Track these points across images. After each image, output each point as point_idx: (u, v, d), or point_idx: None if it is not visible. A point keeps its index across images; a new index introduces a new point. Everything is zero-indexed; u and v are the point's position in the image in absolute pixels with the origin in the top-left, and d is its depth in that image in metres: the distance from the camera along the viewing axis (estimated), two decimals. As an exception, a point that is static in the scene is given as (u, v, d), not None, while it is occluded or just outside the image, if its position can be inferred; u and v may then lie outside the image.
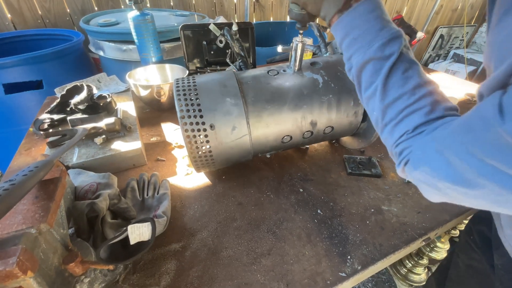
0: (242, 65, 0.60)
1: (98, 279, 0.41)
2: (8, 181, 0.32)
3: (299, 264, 0.47)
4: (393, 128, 0.35)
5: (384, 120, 0.36)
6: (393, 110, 0.34)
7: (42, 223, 0.33)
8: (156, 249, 0.49)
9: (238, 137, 0.53)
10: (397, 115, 0.34)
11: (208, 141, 0.52)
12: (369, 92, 0.37)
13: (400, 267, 1.22)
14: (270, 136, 0.57)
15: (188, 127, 0.50)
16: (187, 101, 0.51)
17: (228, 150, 0.55)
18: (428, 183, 0.31)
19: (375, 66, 0.35)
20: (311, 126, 0.58)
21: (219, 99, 0.52)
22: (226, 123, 0.52)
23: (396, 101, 0.34)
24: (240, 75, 0.57)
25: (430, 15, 2.91)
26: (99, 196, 0.47)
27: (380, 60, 0.35)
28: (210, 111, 0.51)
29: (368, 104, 0.38)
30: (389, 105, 0.34)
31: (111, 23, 1.28)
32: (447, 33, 3.27)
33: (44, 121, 0.72)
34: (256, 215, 0.56)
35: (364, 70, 0.37)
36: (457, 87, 1.17)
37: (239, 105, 0.52)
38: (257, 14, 2.15)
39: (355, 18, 0.36)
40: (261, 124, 0.54)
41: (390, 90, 0.34)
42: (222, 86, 0.53)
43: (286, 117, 0.55)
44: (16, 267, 0.28)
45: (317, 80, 0.57)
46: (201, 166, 0.57)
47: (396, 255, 0.50)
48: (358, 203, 0.59)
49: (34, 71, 1.14)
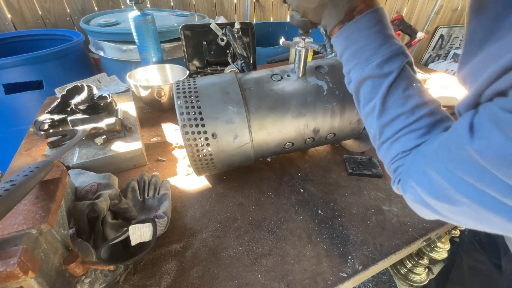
0: (244, 66, 0.59)
1: (99, 280, 0.40)
2: (9, 181, 0.32)
3: (299, 264, 0.47)
4: (389, 146, 0.35)
5: (381, 138, 0.36)
6: (391, 129, 0.34)
7: (42, 224, 0.33)
8: (157, 249, 0.48)
9: (240, 146, 0.53)
10: (394, 134, 0.34)
11: (210, 150, 0.52)
12: (367, 109, 0.37)
13: (400, 267, 1.22)
14: (272, 143, 0.56)
15: (190, 136, 0.50)
16: (188, 109, 0.50)
17: (229, 157, 0.54)
18: (418, 201, 0.32)
19: (373, 83, 0.35)
20: (313, 134, 0.57)
21: (220, 107, 0.51)
22: (228, 132, 0.51)
23: (394, 121, 0.34)
24: (242, 79, 0.56)
25: (430, 15, 2.91)
26: (100, 196, 0.47)
27: (379, 78, 0.34)
28: (212, 119, 0.50)
29: (366, 120, 0.38)
30: (387, 124, 0.34)
31: (111, 23, 1.28)
32: (447, 33, 3.28)
33: (44, 122, 0.72)
34: (256, 216, 0.55)
35: (362, 86, 0.36)
36: (457, 87, 1.17)
37: (242, 114, 0.51)
38: (257, 14, 2.15)
39: (355, 32, 0.36)
40: (263, 132, 0.53)
41: (389, 109, 0.34)
42: (224, 92, 0.52)
43: (289, 125, 0.54)
44: (17, 267, 0.28)
45: (322, 87, 0.55)
46: (202, 171, 0.57)
47: (397, 255, 0.50)
48: (358, 203, 0.59)
49: (34, 71, 1.14)
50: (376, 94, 0.35)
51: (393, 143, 0.34)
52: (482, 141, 0.23)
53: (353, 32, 0.36)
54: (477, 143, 0.23)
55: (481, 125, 0.23)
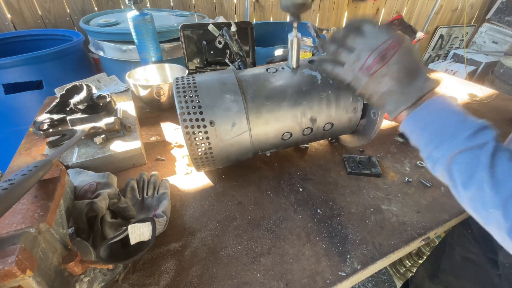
0: (241, 64, 0.60)
1: (98, 279, 0.40)
2: (7, 180, 0.32)
3: (298, 263, 0.47)
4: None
5: (511, 217, 0.29)
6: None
7: (41, 223, 0.33)
8: (156, 248, 0.49)
9: (238, 134, 0.53)
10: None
11: (208, 138, 0.52)
12: (472, 186, 0.32)
13: (399, 267, 1.22)
14: (270, 133, 0.57)
15: (188, 123, 0.50)
16: (186, 98, 0.51)
17: (228, 147, 0.55)
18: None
19: (469, 156, 0.32)
20: (310, 123, 0.58)
21: (218, 95, 0.52)
22: (226, 120, 0.52)
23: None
24: (239, 73, 0.57)
25: (430, 15, 2.91)
26: (99, 195, 0.47)
27: (473, 150, 0.32)
28: (209, 108, 0.51)
29: (474, 201, 0.33)
30: (510, 198, 0.29)
31: (111, 23, 1.28)
32: (447, 33, 3.27)
33: (44, 121, 0.72)
34: (255, 215, 0.56)
35: (455, 163, 0.33)
36: (457, 87, 1.17)
37: (239, 101, 0.52)
38: (257, 14, 2.15)
39: (430, 113, 0.35)
40: (260, 120, 0.54)
41: (505, 180, 0.30)
42: (221, 83, 0.54)
43: (285, 113, 0.55)
44: (15, 266, 0.28)
45: (316, 76, 0.57)
46: (201, 165, 0.57)
47: (396, 254, 0.50)
48: (357, 203, 0.59)
49: (34, 71, 1.14)
50: (477, 167, 0.31)
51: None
52: None
53: (427, 113, 0.35)
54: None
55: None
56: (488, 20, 3.21)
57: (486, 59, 2.93)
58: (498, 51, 3.10)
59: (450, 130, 0.34)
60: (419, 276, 0.85)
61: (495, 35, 3.13)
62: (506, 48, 3.05)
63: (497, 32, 3.11)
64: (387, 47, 0.37)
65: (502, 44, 3.09)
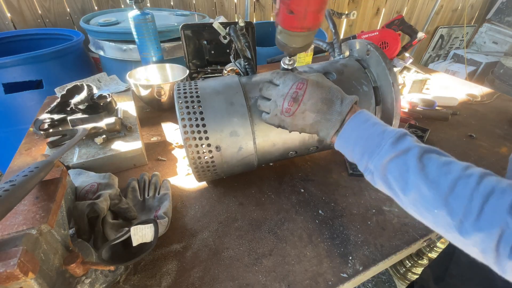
0: (248, 68, 0.58)
1: (99, 280, 0.40)
2: (8, 181, 0.32)
3: (300, 264, 0.47)
4: (478, 218, 0.28)
5: (456, 213, 0.29)
6: (460, 198, 0.29)
7: (42, 224, 0.33)
8: (157, 249, 0.48)
9: (244, 157, 0.53)
10: (470, 201, 0.28)
11: (214, 162, 0.52)
12: (412, 192, 0.32)
13: (400, 267, 1.22)
14: (275, 153, 0.56)
15: (193, 149, 0.49)
16: (192, 122, 0.48)
17: (232, 167, 0.54)
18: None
19: (398, 162, 0.33)
20: (317, 143, 0.57)
21: (225, 118, 0.49)
22: (232, 145, 0.50)
23: (454, 189, 0.29)
24: (247, 86, 0.53)
25: (430, 15, 2.92)
26: (100, 196, 0.47)
27: (400, 156, 0.33)
28: (216, 132, 0.49)
29: (417, 205, 0.32)
30: (449, 194, 0.29)
31: (111, 22, 1.27)
32: (447, 33, 3.28)
33: (44, 121, 0.72)
34: (257, 216, 0.55)
35: (388, 171, 0.34)
36: (457, 87, 1.17)
37: (247, 126, 0.50)
38: (257, 14, 2.14)
39: (354, 130, 0.38)
40: (267, 143, 0.53)
41: (439, 181, 0.30)
42: (228, 103, 0.50)
43: (294, 136, 0.54)
44: (17, 268, 0.27)
45: None
46: (204, 178, 0.57)
47: (398, 255, 0.50)
48: (359, 204, 0.59)
49: (34, 70, 1.13)
50: (408, 172, 0.32)
51: (481, 213, 0.28)
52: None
53: (352, 130, 0.39)
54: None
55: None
56: (488, 20, 3.22)
57: (486, 59, 2.94)
58: (498, 51, 3.11)
59: (375, 141, 0.36)
60: (425, 278, 0.85)
61: (495, 35, 3.13)
62: (506, 48, 3.06)
63: (497, 33, 3.11)
64: (296, 89, 0.42)
65: (502, 44, 3.09)
